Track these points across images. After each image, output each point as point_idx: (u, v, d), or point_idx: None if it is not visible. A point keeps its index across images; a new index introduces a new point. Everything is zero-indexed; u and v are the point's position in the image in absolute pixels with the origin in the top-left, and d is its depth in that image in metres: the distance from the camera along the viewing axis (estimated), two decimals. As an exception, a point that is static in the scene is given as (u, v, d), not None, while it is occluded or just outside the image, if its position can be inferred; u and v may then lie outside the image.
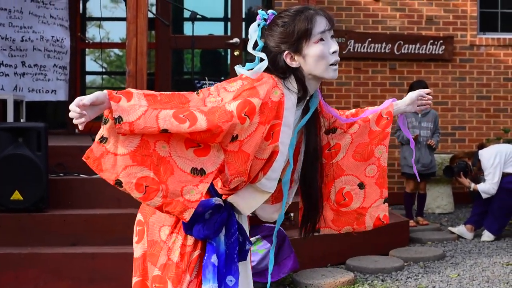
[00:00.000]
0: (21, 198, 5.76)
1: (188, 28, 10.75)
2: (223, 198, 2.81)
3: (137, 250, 2.91)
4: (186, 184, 2.56)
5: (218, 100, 2.62)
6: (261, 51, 2.82)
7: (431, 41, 10.00)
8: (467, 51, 10.21)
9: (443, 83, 10.10)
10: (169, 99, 2.57)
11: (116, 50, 18.22)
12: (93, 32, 12.72)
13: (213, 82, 7.33)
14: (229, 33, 10.37)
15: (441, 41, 10.03)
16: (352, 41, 9.83)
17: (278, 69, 2.78)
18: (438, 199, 9.35)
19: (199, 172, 2.59)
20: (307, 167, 3.02)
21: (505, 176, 7.68)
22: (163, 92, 2.60)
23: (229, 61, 10.71)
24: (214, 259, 2.73)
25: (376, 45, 9.89)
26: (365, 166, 3.18)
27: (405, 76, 10.04)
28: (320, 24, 2.79)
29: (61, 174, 6.30)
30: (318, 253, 6.25)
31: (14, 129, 5.95)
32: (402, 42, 9.95)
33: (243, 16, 10.48)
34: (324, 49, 2.79)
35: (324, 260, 6.35)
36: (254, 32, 2.85)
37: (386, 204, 3.28)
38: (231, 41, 9.77)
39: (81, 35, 10.41)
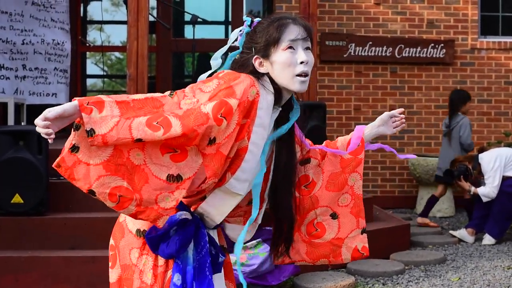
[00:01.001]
0: (22, 201, 5.76)
1: (189, 32, 10.78)
2: (192, 210, 2.73)
3: (113, 275, 2.82)
4: (162, 191, 2.48)
5: (194, 101, 2.54)
6: (238, 56, 2.84)
7: (432, 44, 10.00)
8: (468, 54, 10.21)
9: (444, 86, 10.09)
10: (142, 105, 2.48)
11: (117, 54, 18.27)
12: (94, 35, 12.76)
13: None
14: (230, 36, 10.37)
15: (442, 45, 10.03)
16: (353, 44, 9.83)
17: (247, 72, 2.71)
18: (439, 202, 9.33)
19: (175, 178, 2.50)
20: (277, 184, 2.90)
21: (505, 179, 7.67)
22: (135, 97, 2.51)
23: (230, 64, 10.71)
24: (176, 279, 2.64)
25: (377, 49, 9.88)
26: (339, 196, 3.07)
27: (406, 79, 10.04)
28: (292, 32, 2.72)
29: (62, 178, 6.25)
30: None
31: (14, 132, 5.95)
32: (403, 46, 9.95)
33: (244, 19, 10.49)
34: (292, 58, 2.70)
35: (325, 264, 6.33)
36: (232, 37, 2.91)
37: (365, 235, 3.16)
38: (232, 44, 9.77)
39: (81, 38, 10.41)
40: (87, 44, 10.90)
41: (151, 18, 7.65)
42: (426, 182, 9.26)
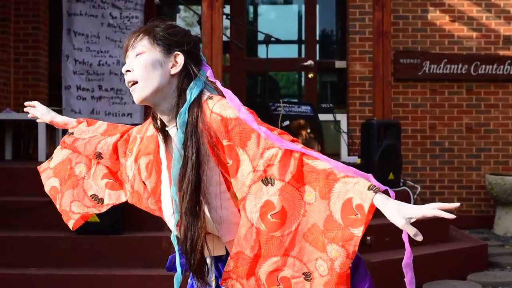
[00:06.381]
0: (98, 220, 5.82)
1: (262, 51, 10.80)
2: None
3: None
4: (79, 200, 2.92)
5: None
6: None
7: (509, 61, 9.82)
8: (546, 71, 10.00)
9: (522, 104, 9.91)
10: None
11: (191, 74, 18.37)
12: (168, 56, 12.86)
13: (287, 105, 7.33)
14: (303, 55, 10.38)
15: (519, 61, 9.85)
16: (428, 62, 9.73)
17: None
18: (517, 222, 9.16)
19: (98, 199, 2.91)
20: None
21: None
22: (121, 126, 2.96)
23: (303, 83, 10.71)
24: None
25: (452, 66, 9.75)
26: (317, 256, 2.29)
27: (482, 97, 9.87)
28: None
29: (137, 197, 6.34)
30: (394, 277, 6.14)
31: (91, 152, 6.03)
32: (479, 63, 9.80)
33: (317, 38, 10.49)
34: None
35: (400, 284, 6.24)
36: None
37: None
38: (305, 63, 9.78)
39: (156, 59, 10.53)
40: (162, 65, 11.00)
41: (224, 38, 7.70)
42: (504, 202, 9.07)
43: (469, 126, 9.77)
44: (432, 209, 2.13)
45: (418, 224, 2.18)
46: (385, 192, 2.25)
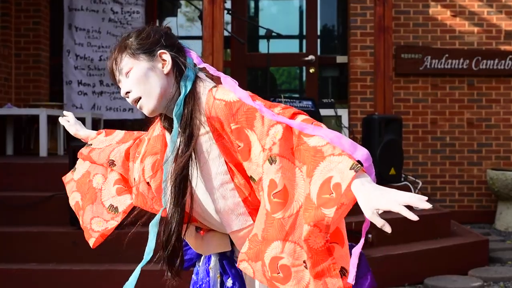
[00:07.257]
0: (99, 216, 5.82)
1: (263, 46, 10.79)
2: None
3: None
4: (99, 216, 2.94)
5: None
6: None
7: (510, 56, 9.80)
8: (547, 66, 9.98)
9: (523, 99, 9.90)
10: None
11: (192, 69, 18.33)
12: (169, 51, 12.83)
13: (289, 100, 7.32)
14: (304, 50, 10.38)
15: (521, 56, 9.84)
16: (429, 57, 9.71)
17: None
18: (519, 217, 9.16)
19: (114, 209, 2.91)
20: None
21: None
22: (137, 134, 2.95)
23: (304, 79, 10.70)
24: None
25: (454, 61, 9.74)
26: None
27: (484, 92, 9.86)
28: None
29: (138, 192, 6.34)
30: (395, 273, 6.16)
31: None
32: (480, 58, 9.79)
33: (318, 33, 10.47)
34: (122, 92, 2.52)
35: (402, 279, 6.26)
36: None
37: None
38: (306, 58, 9.78)
39: (157, 54, 10.52)
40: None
41: (225, 33, 7.69)
42: (505, 197, 9.07)
43: (470, 121, 9.77)
44: (400, 206, 1.90)
45: (420, 220, 2.01)
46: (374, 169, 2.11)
